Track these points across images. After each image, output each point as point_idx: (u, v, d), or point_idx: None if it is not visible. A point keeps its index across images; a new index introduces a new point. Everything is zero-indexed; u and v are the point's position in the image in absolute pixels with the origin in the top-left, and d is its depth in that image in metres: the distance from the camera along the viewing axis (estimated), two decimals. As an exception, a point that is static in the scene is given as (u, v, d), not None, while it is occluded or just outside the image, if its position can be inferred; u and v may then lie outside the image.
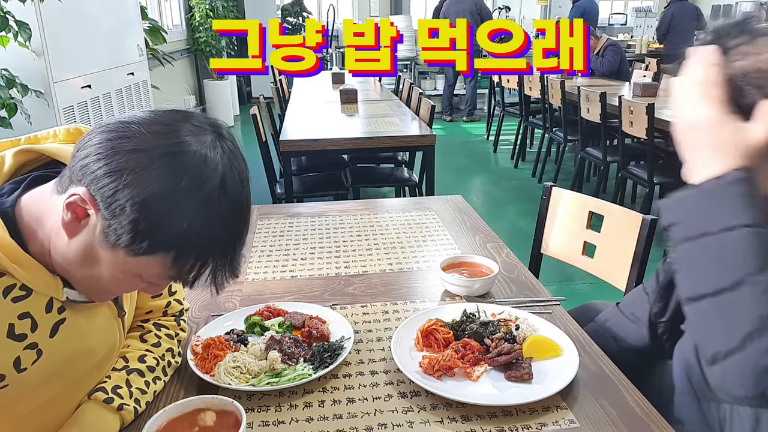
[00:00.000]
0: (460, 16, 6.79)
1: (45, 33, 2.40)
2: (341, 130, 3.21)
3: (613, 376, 1.01)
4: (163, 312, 1.07)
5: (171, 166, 0.68)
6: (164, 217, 0.68)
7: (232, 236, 0.75)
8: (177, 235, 0.69)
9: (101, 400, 0.87)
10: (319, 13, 10.81)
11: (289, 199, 2.95)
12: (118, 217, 0.68)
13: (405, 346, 1.09)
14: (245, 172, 0.75)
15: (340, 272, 1.45)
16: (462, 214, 1.84)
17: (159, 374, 0.98)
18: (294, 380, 0.97)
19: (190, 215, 0.69)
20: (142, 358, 0.97)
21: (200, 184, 0.69)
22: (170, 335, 1.05)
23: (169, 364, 1.01)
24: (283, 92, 5.00)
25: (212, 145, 0.72)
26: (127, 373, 0.93)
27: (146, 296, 1.04)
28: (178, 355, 1.05)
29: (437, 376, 1.00)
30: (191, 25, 7.14)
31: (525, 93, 5.33)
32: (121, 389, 0.90)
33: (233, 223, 0.74)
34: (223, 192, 0.70)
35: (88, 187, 0.69)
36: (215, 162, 0.71)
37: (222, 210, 0.71)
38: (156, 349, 1.00)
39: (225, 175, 0.71)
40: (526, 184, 4.99)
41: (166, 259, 0.71)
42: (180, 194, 0.68)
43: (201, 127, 0.73)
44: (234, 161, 0.73)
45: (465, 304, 1.23)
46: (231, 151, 0.73)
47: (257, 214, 1.85)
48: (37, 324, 0.75)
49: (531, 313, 1.19)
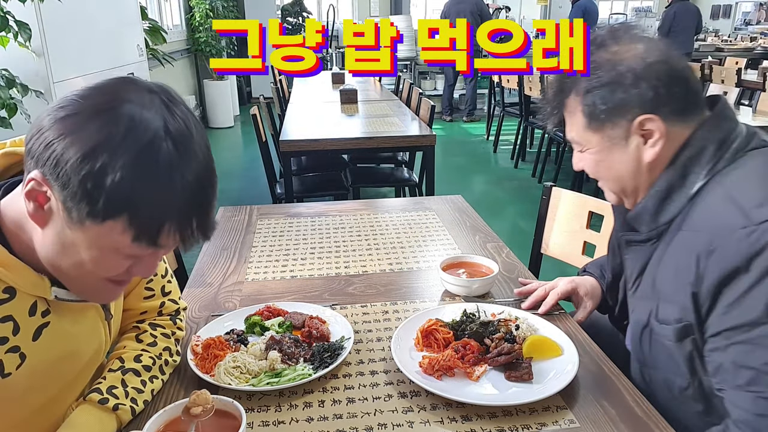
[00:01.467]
0: (461, 16, 6.81)
1: (45, 33, 2.40)
2: (341, 130, 3.21)
3: (613, 376, 1.01)
4: (158, 312, 1.07)
5: (105, 120, 0.66)
6: (107, 171, 0.65)
7: (188, 192, 0.70)
8: (125, 189, 0.66)
9: (96, 401, 0.86)
10: (319, 13, 10.81)
11: (289, 199, 2.95)
12: (69, 187, 0.66)
13: (405, 346, 1.09)
14: (195, 128, 0.72)
15: (340, 272, 1.45)
16: (462, 214, 1.84)
17: (156, 373, 0.97)
18: (294, 380, 0.97)
19: (132, 167, 0.66)
20: (138, 358, 0.96)
21: (138, 134, 0.66)
22: (166, 334, 1.04)
23: (166, 363, 1.01)
24: (283, 92, 5.00)
25: (152, 100, 0.69)
26: (123, 373, 0.92)
27: (139, 298, 1.04)
28: (176, 354, 1.05)
29: (437, 376, 1.00)
30: (191, 25, 7.15)
31: (525, 93, 5.32)
32: (116, 389, 0.89)
33: (184, 178, 0.69)
34: (166, 143, 0.67)
35: (39, 169, 0.67)
36: (153, 114, 0.68)
37: (166, 163, 0.67)
38: (152, 349, 1.00)
39: (167, 126, 0.68)
40: (526, 184, 4.99)
41: (126, 220, 0.68)
42: (118, 145, 0.65)
43: (142, 87, 0.71)
44: (180, 117, 0.70)
45: (465, 304, 1.23)
46: (173, 107, 0.71)
47: (257, 214, 1.86)
48: (20, 327, 0.74)
49: (531, 313, 1.19)
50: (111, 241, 0.70)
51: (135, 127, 0.67)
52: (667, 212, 0.94)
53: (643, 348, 1.00)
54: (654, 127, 0.92)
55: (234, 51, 8.18)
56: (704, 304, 0.86)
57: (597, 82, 0.94)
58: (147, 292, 1.05)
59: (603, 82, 0.94)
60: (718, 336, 0.85)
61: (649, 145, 0.94)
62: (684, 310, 0.89)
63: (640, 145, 0.95)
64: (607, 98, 0.93)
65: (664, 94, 0.91)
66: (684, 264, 0.88)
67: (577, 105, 0.98)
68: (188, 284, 1.39)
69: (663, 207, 0.95)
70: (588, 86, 0.96)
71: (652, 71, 0.91)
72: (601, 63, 0.95)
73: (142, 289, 1.04)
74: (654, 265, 0.98)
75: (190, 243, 0.73)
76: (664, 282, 0.95)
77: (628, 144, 0.95)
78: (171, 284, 1.10)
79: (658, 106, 0.91)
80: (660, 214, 0.95)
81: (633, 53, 0.93)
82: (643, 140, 0.94)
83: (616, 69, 0.93)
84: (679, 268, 0.90)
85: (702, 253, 0.85)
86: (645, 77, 0.91)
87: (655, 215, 0.96)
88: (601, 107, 0.94)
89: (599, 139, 0.97)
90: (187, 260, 1.65)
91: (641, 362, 1.03)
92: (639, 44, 0.94)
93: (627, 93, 0.92)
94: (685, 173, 0.92)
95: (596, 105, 0.95)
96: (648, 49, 0.93)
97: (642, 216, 0.98)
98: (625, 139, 0.95)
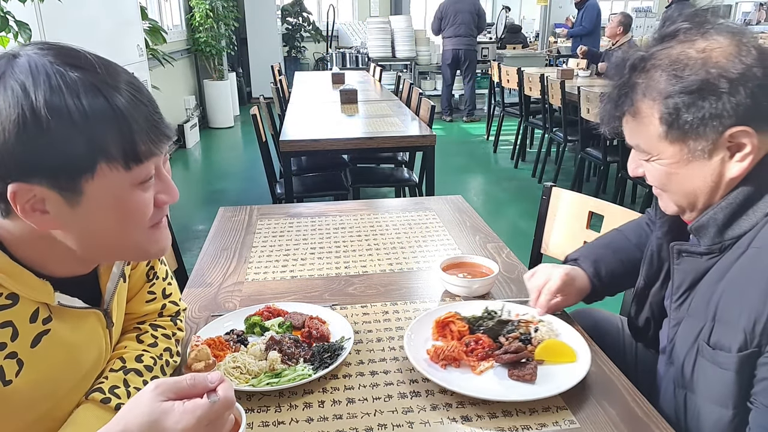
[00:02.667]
0: (458, 15, 6.81)
1: (45, 33, 2.40)
2: (341, 130, 3.21)
3: (613, 376, 1.01)
4: (159, 314, 1.07)
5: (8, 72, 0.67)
6: (58, 130, 0.66)
7: (128, 95, 0.72)
8: (76, 121, 0.67)
9: (98, 400, 0.86)
10: (319, 13, 10.82)
11: (289, 199, 2.95)
12: (39, 170, 0.67)
13: (421, 335, 1.11)
14: (94, 57, 0.72)
15: (340, 272, 1.45)
16: (462, 215, 1.84)
17: (157, 373, 0.98)
18: (294, 380, 0.97)
19: (64, 111, 0.67)
20: (139, 358, 0.96)
21: (47, 81, 0.67)
22: (167, 335, 1.05)
23: (167, 363, 1.01)
24: (283, 92, 5.00)
25: (41, 55, 0.70)
26: (125, 373, 0.92)
27: (140, 302, 1.04)
28: (177, 355, 1.05)
29: (442, 366, 1.02)
30: (191, 25, 7.14)
31: (525, 93, 5.33)
32: (118, 389, 0.89)
33: (118, 87, 0.71)
34: (78, 73, 0.68)
35: (9, 181, 0.67)
36: (44, 58, 0.69)
37: (92, 86, 0.69)
38: (153, 349, 1.00)
39: (68, 63, 0.69)
40: (526, 184, 4.99)
41: (105, 159, 0.70)
42: (39, 84, 0.66)
43: (30, 51, 0.71)
44: (83, 56, 0.71)
45: (489, 301, 1.24)
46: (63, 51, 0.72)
47: (257, 215, 1.86)
48: (18, 333, 0.74)
49: (556, 318, 1.16)
50: (115, 186, 0.72)
51: (37, 76, 0.67)
52: (737, 227, 0.85)
53: (684, 370, 0.92)
54: (747, 140, 0.81)
55: (234, 51, 8.19)
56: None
57: (682, 87, 0.81)
58: (149, 296, 1.05)
59: (690, 88, 0.80)
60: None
61: (736, 159, 0.83)
62: (752, 337, 0.80)
63: (725, 159, 0.83)
64: (694, 106, 0.80)
65: (763, 104, 0.79)
66: (756, 285, 0.79)
67: (652, 110, 0.85)
68: (188, 284, 1.39)
69: (734, 221, 0.85)
70: (670, 90, 0.82)
71: (751, 75, 0.79)
72: (686, 62, 0.81)
73: (145, 293, 1.05)
74: (711, 282, 0.88)
75: (161, 140, 0.75)
76: (724, 303, 0.85)
77: (711, 158, 0.83)
78: (171, 286, 1.11)
79: (754, 116, 0.80)
80: (729, 228, 0.86)
81: (726, 51, 0.80)
82: (729, 153, 0.83)
83: (707, 71, 0.79)
84: (749, 289, 0.80)
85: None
86: (743, 83, 0.78)
87: (723, 228, 0.86)
88: (686, 117, 0.81)
89: (676, 150, 0.85)
90: (187, 260, 1.65)
91: (681, 385, 0.94)
92: (727, 37, 0.81)
93: (720, 101, 0.79)
94: (765, 187, 0.83)
95: (680, 114, 0.82)
96: (741, 45, 0.80)
97: (708, 228, 0.88)
98: (709, 153, 0.83)
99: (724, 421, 0.86)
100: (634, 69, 0.87)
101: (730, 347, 0.82)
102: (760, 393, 0.80)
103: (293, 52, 9.99)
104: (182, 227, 3.91)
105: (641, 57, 0.87)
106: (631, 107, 0.88)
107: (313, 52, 10.39)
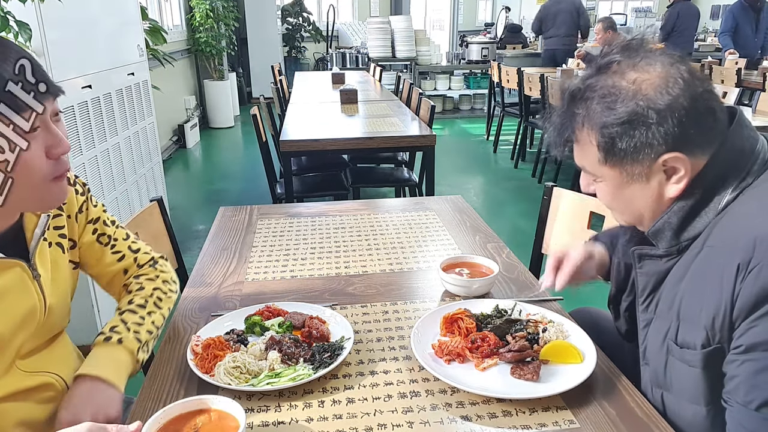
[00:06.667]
0: (559, 15, 6.66)
1: (45, 33, 2.39)
2: (341, 130, 3.21)
3: (613, 376, 1.01)
4: (137, 266, 1.20)
5: None
6: None
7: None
8: None
9: (101, 340, 1.01)
10: (319, 13, 10.81)
11: (289, 199, 2.95)
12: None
13: (430, 330, 1.13)
14: None
15: (340, 272, 1.45)
16: (462, 215, 1.84)
17: (152, 309, 1.11)
18: (294, 380, 0.97)
19: None
20: (130, 301, 1.11)
21: None
22: (150, 278, 1.17)
23: (160, 299, 1.14)
24: (283, 92, 5.00)
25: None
26: (120, 314, 1.08)
27: (108, 263, 1.15)
28: (170, 291, 1.17)
29: (446, 361, 1.03)
30: (191, 25, 7.14)
31: (525, 93, 5.33)
32: (117, 327, 1.04)
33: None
34: None
35: None
36: None
37: None
38: (141, 292, 1.14)
39: None
40: (526, 184, 4.99)
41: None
42: None
43: None
44: None
45: (500, 300, 1.24)
46: None
47: (257, 214, 1.86)
48: None
49: (566, 319, 1.16)
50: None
51: None
52: (692, 228, 0.88)
53: (658, 370, 0.94)
54: (680, 165, 0.85)
55: (234, 51, 8.18)
56: (738, 324, 0.79)
57: (615, 118, 0.84)
58: (116, 255, 1.17)
59: (621, 120, 0.84)
60: (739, 348, 0.79)
61: (672, 182, 0.87)
62: (713, 333, 0.82)
63: (662, 181, 0.87)
64: (627, 136, 0.84)
65: (690, 131, 0.83)
66: (712, 283, 0.82)
67: (590, 138, 0.89)
68: (188, 284, 1.39)
69: (688, 223, 0.88)
70: (605, 121, 0.85)
71: (677, 106, 0.82)
72: (616, 94, 0.85)
73: (109, 254, 1.16)
74: (672, 283, 0.91)
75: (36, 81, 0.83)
76: (686, 302, 0.87)
77: (649, 181, 0.88)
78: (137, 243, 1.22)
79: (684, 143, 0.83)
80: (684, 231, 0.89)
81: (654, 83, 0.83)
82: (666, 176, 0.87)
83: (637, 103, 0.83)
84: (706, 287, 0.83)
85: (736, 268, 0.78)
86: (670, 114, 0.82)
87: (679, 231, 0.89)
88: (620, 145, 0.85)
89: (616, 174, 0.89)
90: (188, 260, 1.65)
91: (656, 384, 0.96)
92: (657, 66, 0.85)
93: (650, 131, 0.83)
94: (712, 190, 0.86)
95: (615, 142, 0.86)
96: (669, 77, 0.83)
97: (663, 232, 0.91)
98: (646, 176, 0.87)
99: (699, 418, 0.89)
100: (573, 99, 0.91)
101: (695, 344, 0.85)
102: (732, 391, 0.82)
103: (293, 52, 9.99)
104: (182, 227, 3.91)
105: (578, 88, 0.91)
106: (573, 134, 0.93)
107: (313, 52, 10.39)
